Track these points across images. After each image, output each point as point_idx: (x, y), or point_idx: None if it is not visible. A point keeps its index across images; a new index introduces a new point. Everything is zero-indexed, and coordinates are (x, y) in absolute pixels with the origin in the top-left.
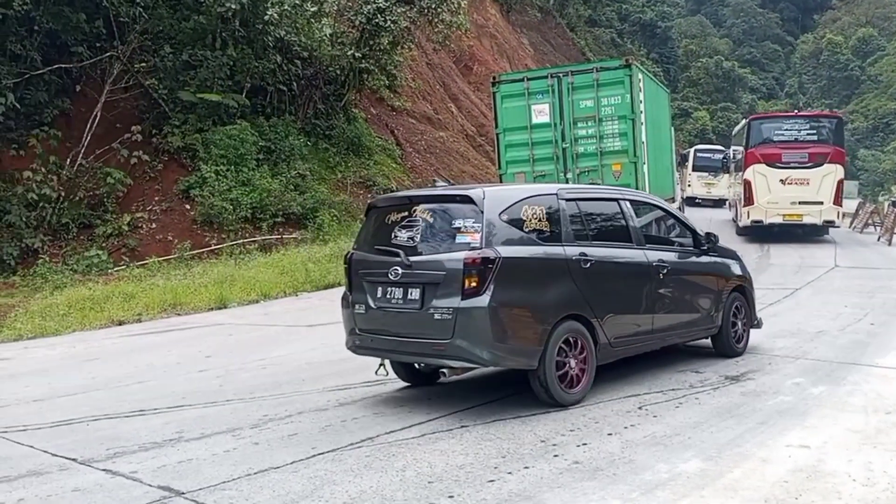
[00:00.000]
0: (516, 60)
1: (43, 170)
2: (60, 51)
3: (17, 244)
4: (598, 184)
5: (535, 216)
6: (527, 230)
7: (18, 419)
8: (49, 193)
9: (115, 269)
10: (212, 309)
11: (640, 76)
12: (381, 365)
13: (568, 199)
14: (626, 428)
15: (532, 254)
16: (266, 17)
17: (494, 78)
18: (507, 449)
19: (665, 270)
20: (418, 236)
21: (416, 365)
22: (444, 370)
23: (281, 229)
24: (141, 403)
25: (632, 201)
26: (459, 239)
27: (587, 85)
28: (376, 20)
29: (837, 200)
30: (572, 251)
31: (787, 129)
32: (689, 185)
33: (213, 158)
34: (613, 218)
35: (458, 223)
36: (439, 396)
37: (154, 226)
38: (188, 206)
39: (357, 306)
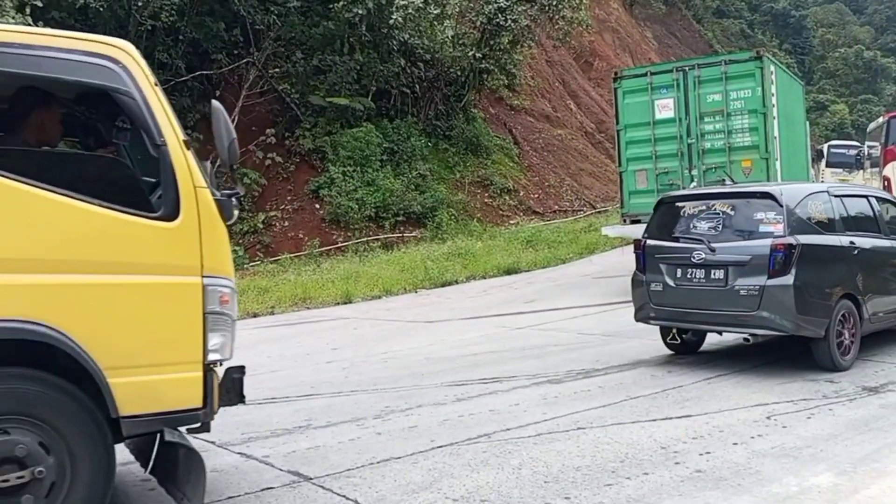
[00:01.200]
0: (639, 55)
1: None
2: (202, 58)
3: None
4: (726, 181)
5: (817, 209)
6: (812, 221)
7: None
8: None
9: (251, 264)
10: (338, 303)
11: (773, 68)
12: (671, 333)
13: (835, 196)
14: (752, 438)
15: (820, 241)
16: (391, 21)
17: (616, 73)
18: (625, 454)
19: None
20: (720, 226)
21: (682, 335)
22: (748, 336)
23: (402, 228)
24: (273, 391)
25: (876, 198)
26: (762, 228)
27: (715, 78)
28: (497, 20)
29: None
30: (844, 239)
31: None
32: (822, 181)
33: (340, 160)
34: (865, 211)
35: (759, 215)
36: (555, 397)
37: (286, 224)
38: (317, 206)
39: (653, 285)
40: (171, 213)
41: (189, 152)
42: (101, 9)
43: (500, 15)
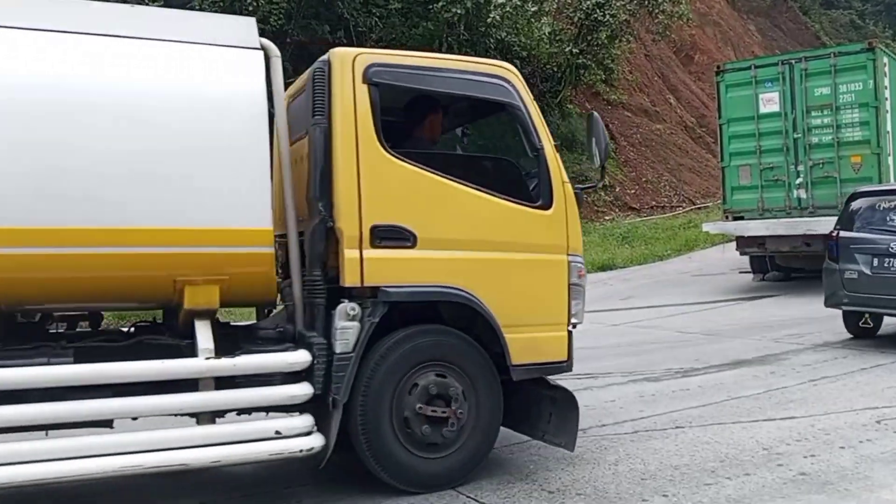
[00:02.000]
0: (742, 48)
1: None
2: (307, 61)
3: None
4: (835, 177)
5: None
6: None
7: None
8: None
9: None
10: None
11: (886, 60)
12: (863, 318)
13: None
14: (860, 442)
15: None
16: (489, 20)
17: (719, 67)
18: (725, 454)
19: None
20: None
21: (864, 320)
22: None
23: None
24: None
25: None
26: None
27: (823, 71)
28: (595, 15)
29: None
30: None
31: None
32: None
33: None
34: None
35: None
36: (652, 395)
37: None
38: None
39: (847, 273)
40: (547, 204)
41: (558, 154)
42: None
43: (598, 10)
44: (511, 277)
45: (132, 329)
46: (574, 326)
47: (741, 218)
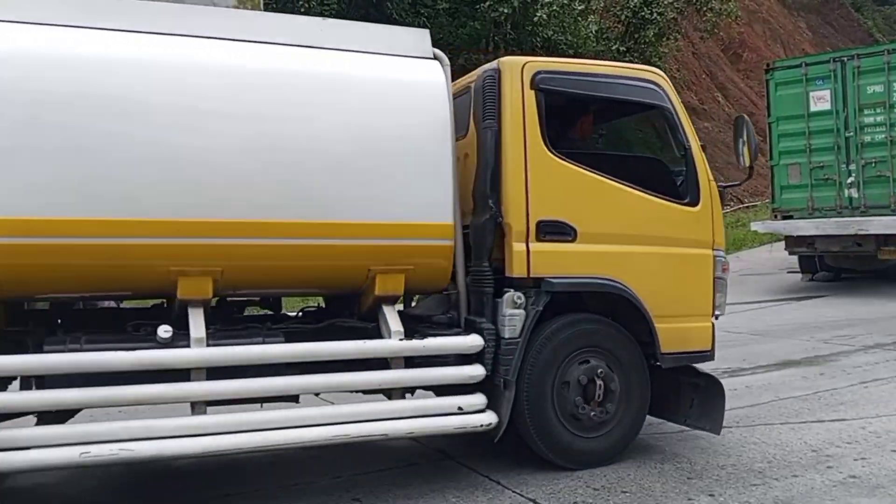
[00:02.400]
0: (791, 45)
1: None
2: None
3: None
4: (888, 177)
5: None
6: None
7: None
8: None
9: None
10: None
11: None
12: None
13: None
14: None
15: None
16: (535, 19)
17: (768, 65)
18: (773, 455)
19: None
20: None
21: None
22: None
23: None
24: None
25: None
26: None
27: (876, 68)
28: (642, 13)
29: None
30: None
31: None
32: None
33: None
34: None
35: None
36: None
37: None
38: None
39: None
40: (695, 201)
41: (703, 154)
42: None
43: (645, 8)
44: (662, 270)
45: (300, 314)
46: (717, 318)
47: (790, 217)
